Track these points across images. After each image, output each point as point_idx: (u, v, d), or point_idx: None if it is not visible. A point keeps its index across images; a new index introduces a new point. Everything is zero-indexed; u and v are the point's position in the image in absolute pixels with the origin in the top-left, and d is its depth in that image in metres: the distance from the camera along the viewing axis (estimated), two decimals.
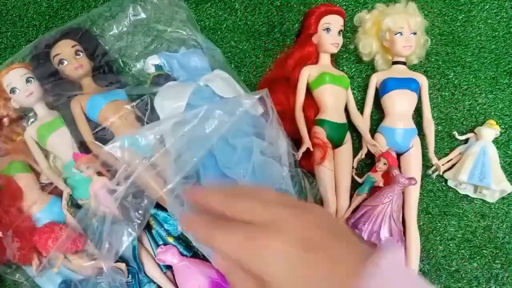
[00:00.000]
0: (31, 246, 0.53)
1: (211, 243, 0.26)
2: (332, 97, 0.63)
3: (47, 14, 0.67)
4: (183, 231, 0.59)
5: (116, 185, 0.48)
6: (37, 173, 0.59)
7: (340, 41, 0.65)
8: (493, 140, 0.65)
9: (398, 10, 0.64)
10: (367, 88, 0.67)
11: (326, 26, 0.64)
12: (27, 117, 0.62)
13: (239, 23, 0.69)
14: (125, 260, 0.57)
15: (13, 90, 0.57)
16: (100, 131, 0.56)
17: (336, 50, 0.65)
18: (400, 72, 0.65)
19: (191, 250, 0.59)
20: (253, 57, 0.69)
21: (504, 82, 0.70)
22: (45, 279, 0.56)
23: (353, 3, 0.70)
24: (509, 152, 0.68)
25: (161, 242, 0.59)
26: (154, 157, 0.43)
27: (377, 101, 0.67)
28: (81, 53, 0.59)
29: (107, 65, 0.62)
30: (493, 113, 0.69)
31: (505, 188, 0.63)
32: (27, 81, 0.58)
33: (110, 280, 0.52)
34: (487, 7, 0.71)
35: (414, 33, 0.64)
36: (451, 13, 0.71)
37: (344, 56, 0.70)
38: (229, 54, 0.68)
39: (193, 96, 0.56)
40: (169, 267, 0.58)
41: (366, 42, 0.67)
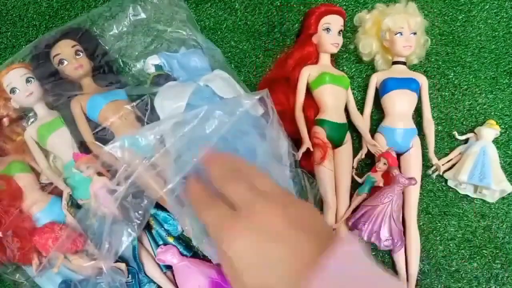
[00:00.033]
0: (31, 246, 0.53)
1: (196, 212, 0.30)
2: (332, 97, 0.63)
3: (47, 14, 0.67)
4: (183, 231, 0.59)
5: (116, 185, 0.48)
6: (37, 173, 0.59)
7: (340, 41, 0.65)
8: (493, 140, 0.65)
9: (398, 10, 0.64)
10: (367, 88, 0.67)
11: (326, 26, 0.64)
12: (27, 117, 0.62)
13: (239, 23, 0.69)
14: (125, 260, 0.57)
15: (13, 90, 0.57)
16: (100, 131, 0.56)
17: (336, 50, 0.65)
18: (400, 72, 0.65)
19: (191, 250, 0.59)
20: (253, 57, 0.69)
21: (504, 82, 0.70)
22: (45, 279, 0.56)
23: (353, 3, 0.70)
24: (509, 152, 0.68)
25: (161, 242, 0.59)
26: (154, 157, 0.43)
27: (377, 101, 0.67)
28: (81, 53, 0.59)
29: (107, 65, 0.62)
30: (493, 113, 0.69)
31: (505, 188, 0.63)
32: (27, 81, 0.58)
33: (110, 280, 0.52)
34: (487, 7, 0.71)
35: (414, 33, 0.64)
36: (451, 13, 0.71)
37: (344, 56, 0.70)
38: (229, 54, 0.68)
39: (193, 96, 0.56)
40: (169, 267, 0.58)
41: (366, 42, 0.67)
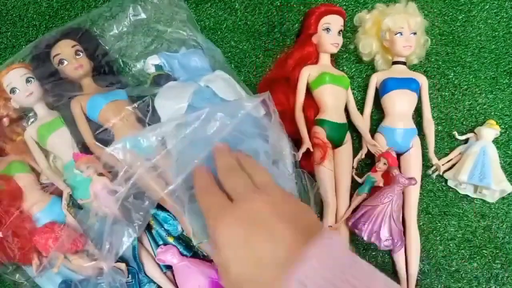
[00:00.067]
0: (31, 246, 0.53)
1: (197, 197, 0.34)
2: (332, 97, 0.63)
3: (47, 14, 0.67)
4: (183, 231, 0.59)
5: (117, 186, 0.48)
6: (37, 173, 0.59)
7: (340, 41, 0.65)
8: (493, 140, 0.65)
9: (398, 10, 0.64)
10: (367, 88, 0.67)
11: (326, 26, 0.64)
12: (27, 117, 0.62)
13: (239, 23, 0.69)
14: (125, 260, 0.57)
15: (13, 90, 0.57)
16: (101, 132, 0.56)
17: (336, 50, 0.65)
18: (400, 72, 0.65)
19: (191, 250, 0.59)
20: (253, 57, 0.69)
21: (504, 82, 0.70)
22: (45, 279, 0.56)
23: (353, 3, 0.70)
24: (509, 152, 0.68)
25: (161, 242, 0.59)
26: (156, 159, 0.43)
27: (377, 101, 0.67)
28: (81, 53, 0.59)
29: (107, 65, 0.62)
30: (493, 113, 0.69)
31: (505, 188, 0.63)
32: (27, 81, 0.58)
33: (111, 280, 0.52)
34: (487, 7, 0.71)
35: (414, 33, 0.64)
36: (451, 13, 0.71)
37: (344, 56, 0.70)
38: (229, 54, 0.68)
39: (194, 97, 0.56)
40: (169, 267, 0.58)
41: (366, 42, 0.67)
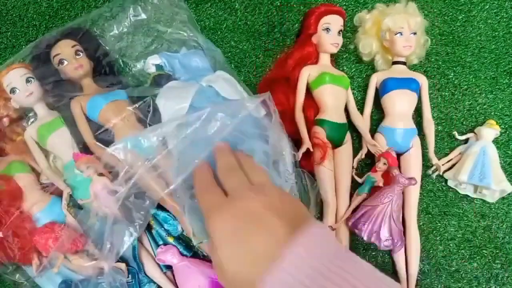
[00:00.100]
0: (31, 246, 0.53)
1: (196, 192, 0.36)
2: (332, 97, 0.63)
3: (47, 14, 0.67)
4: (183, 231, 0.59)
5: (117, 186, 0.47)
6: (37, 173, 0.59)
7: (340, 41, 0.65)
8: (493, 140, 0.65)
9: (398, 10, 0.64)
10: (367, 88, 0.67)
11: (326, 26, 0.64)
12: (27, 117, 0.62)
13: (239, 23, 0.69)
14: (125, 260, 0.57)
15: (13, 90, 0.57)
16: (101, 133, 0.56)
17: (336, 50, 0.65)
18: (400, 72, 0.65)
19: (191, 250, 0.59)
20: (253, 57, 0.69)
21: (504, 82, 0.70)
22: (45, 279, 0.56)
23: (353, 3, 0.70)
24: (509, 152, 0.68)
25: (161, 242, 0.59)
26: (156, 159, 0.43)
27: (377, 101, 0.67)
28: (81, 53, 0.59)
29: (108, 65, 0.62)
30: (493, 113, 0.69)
31: (505, 188, 0.63)
32: (27, 81, 0.58)
33: (111, 280, 0.52)
34: (487, 7, 0.71)
35: (414, 33, 0.64)
36: (451, 13, 0.71)
37: (344, 56, 0.70)
38: (229, 54, 0.68)
39: (196, 97, 0.56)
40: (169, 267, 0.58)
41: (366, 42, 0.67)
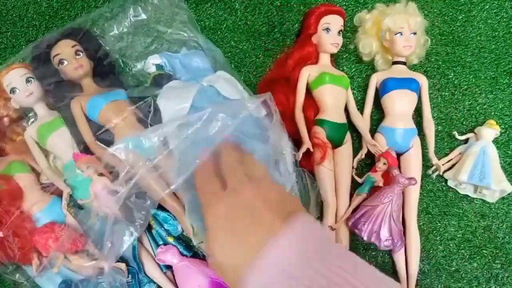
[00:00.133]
0: (31, 246, 0.53)
1: (196, 184, 0.38)
2: (332, 97, 0.63)
3: (47, 14, 0.67)
4: (183, 231, 0.59)
5: (117, 186, 0.47)
6: (37, 173, 0.59)
7: (340, 41, 0.65)
8: (493, 140, 0.65)
9: (398, 10, 0.64)
10: (367, 88, 0.67)
11: (326, 26, 0.64)
12: (27, 117, 0.62)
13: (239, 23, 0.69)
14: (125, 260, 0.57)
15: (13, 90, 0.57)
16: (102, 133, 0.56)
17: (336, 50, 0.65)
18: (400, 72, 0.65)
19: (191, 250, 0.59)
20: (253, 57, 0.69)
21: (504, 82, 0.70)
22: (45, 279, 0.56)
23: (353, 3, 0.70)
24: (509, 152, 0.68)
25: (161, 242, 0.59)
26: (157, 159, 0.43)
27: (377, 101, 0.67)
28: (81, 53, 0.59)
29: (108, 65, 0.62)
30: (493, 113, 0.69)
31: (505, 188, 0.63)
32: (27, 81, 0.58)
33: (111, 279, 0.52)
34: (487, 7, 0.71)
35: (414, 33, 0.64)
36: (451, 13, 0.71)
37: (344, 56, 0.70)
38: (229, 54, 0.68)
39: (197, 97, 0.56)
40: (169, 267, 0.58)
41: (366, 42, 0.67)
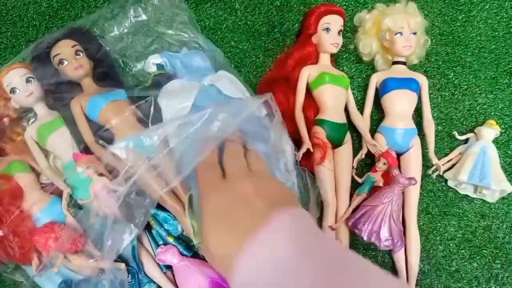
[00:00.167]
0: (31, 245, 0.53)
1: (197, 170, 0.39)
2: (332, 97, 0.63)
3: (47, 14, 0.67)
4: (183, 231, 0.59)
5: (117, 186, 0.47)
6: (37, 173, 0.59)
7: (340, 41, 0.65)
8: (493, 140, 0.65)
9: (398, 10, 0.64)
10: (367, 88, 0.67)
11: (325, 26, 0.64)
12: (27, 117, 0.62)
13: (239, 23, 0.69)
14: (125, 260, 0.57)
15: (13, 90, 0.57)
16: (104, 131, 0.56)
17: (335, 50, 0.65)
18: (400, 72, 0.65)
19: (191, 250, 0.59)
20: (253, 57, 0.69)
21: (504, 82, 0.70)
22: (44, 279, 0.56)
23: (353, 3, 0.70)
24: (509, 152, 0.68)
25: (161, 242, 0.59)
26: (158, 159, 0.43)
27: (377, 101, 0.67)
28: (81, 53, 0.59)
29: (108, 65, 0.62)
30: (493, 113, 0.69)
31: (505, 188, 0.63)
32: (27, 81, 0.58)
33: (112, 277, 0.52)
34: (487, 7, 0.71)
35: (414, 33, 0.64)
36: (451, 13, 0.71)
37: (344, 56, 0.70)
38: (229, 54, 0.68)
39: (199, 96, 0.56)
40: (169, 267, 0.58)
41: (366, 42, 0.67)
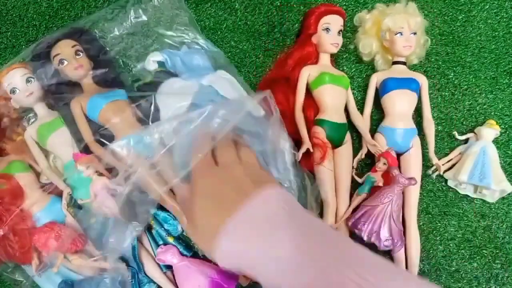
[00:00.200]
0: (31, 245, 0.53)
1: (192, 160, 0.41)
2: (332, 97, 0.63)
3: (47, 14, 0.67)
4: (183, 231, 0.59)
5: (117, 185, 0.47)
6: (37, 173, 0.59)
7: (339, 41, 0.65)
8: (493, 140, 0.65)
9: (398, 10, 0.64)
10: (367, 88, 0.67)
11: (325, 26, 0.64)
12: (27, 117, 0.62)
13: (239, 23, 0.69)
14: (125, 260, 0.57)
15: (13, 90, 0.57)
16: (104, 129, 0.56)
17: (335, 50, 0.65)
18: (400, 72, 0.65)
19: (191, 250, 0.59)
20: (253, 57, 0.69)
21: (504, 82, 0.70)
22: (44, 278, 0.56)
23: (353, 3, 0.70)
24: (509, 152, 0.68)
25: (161, 242, 0.59)
26: (158, 156, 0.43)
27: (377, 101, 0.67)
28: (81, 53, 0.59)
29: (108, 65, 0.62)
30: (493, 113, 0.69)
31: (505, 188, 0.63)
32: (27, 81, 0.58)
33: (114, 276, 0.52)
34: (487, 7, 0.71)
35: (414, 33, 0.64)
36: (451, 13, 0.71)
37: (344, 56, 0.70)
38: (229, 54, 0.68)
39: (197, 96, 0.56)
40: (169, 267, 0.58)
41: (366, 42, 0.67)
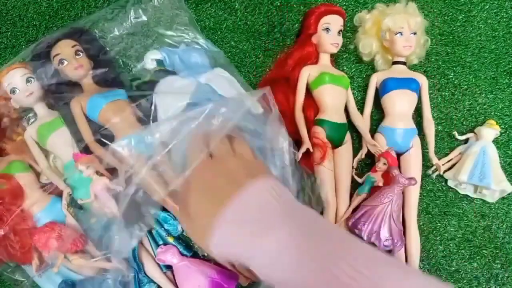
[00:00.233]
0: (31, 245, 0.53)
1: (186, 154, 0.42)
2: (332, 97, 0.63)
3: (47, 14, 0.67)
4: (183, 231, 0.59)
5: (117, 185, 0.47)
6: (37, 173, 0.59)
7: (339, 41, 0.65)
8: (493, 140, 0.65)
9: (398, 10, 0.64)
10: (367, 88, 0.67)
11: (325, 26, 0.64)
12: (27, 117, 0.62)
13: (239, 23, 0.69)
14: (125, 260, 0.57)
15: (13, 90, 0.57)
16: (104, 129, 0.56)
17: (335, 50, 0.65)
18: (400, 72, 0.65)
19: (191, 250, 0.59)
20: (253, 57, 0.69)
21: (504, 82, 0.70)
22: (44, 278, 0.56)
23: (353, 3, 0.70)
24: (509, 152, 0.68)
25: (161, 242, 0.59)
26: (158, 156, 0.43)
27: (377, 101, 0.67)
28: (81, 53, 0.59)
29: (108, 65, 0.62)
30: (493, 113, 0.69)
31: (505, 188, 0.63)
32: (27, 81, 0.58)
33: (116, 276, 0.52)
34: (487, 7, 0.71)
35: (414, 33, 0.64)
36: (451, 13, 0.71)
37: (344, 56, 0.70)
38: (229, 54, 0.68)
39: (195, 94, 0.56)
40: (169, 267, 0.58)
41: (366, 42, 0.67)
